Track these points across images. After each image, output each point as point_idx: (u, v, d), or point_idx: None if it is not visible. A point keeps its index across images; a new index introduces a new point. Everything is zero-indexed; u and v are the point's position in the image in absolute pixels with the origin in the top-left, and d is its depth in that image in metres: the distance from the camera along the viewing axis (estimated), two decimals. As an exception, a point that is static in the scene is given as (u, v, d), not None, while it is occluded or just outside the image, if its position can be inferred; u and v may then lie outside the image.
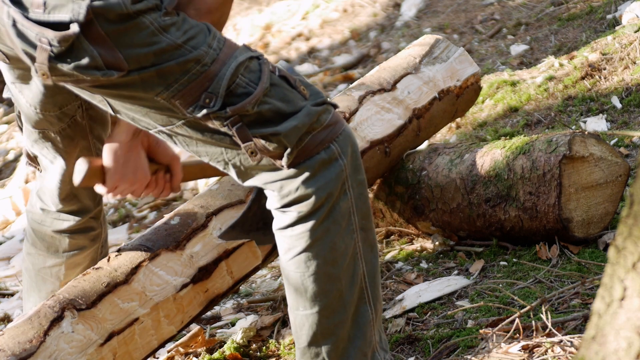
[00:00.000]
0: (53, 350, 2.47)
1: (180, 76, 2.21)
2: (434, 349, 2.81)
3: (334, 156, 2.30)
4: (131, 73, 2.19)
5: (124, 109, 2.29)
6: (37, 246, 2.75)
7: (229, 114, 2.23)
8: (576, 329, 2.68)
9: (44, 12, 2.16)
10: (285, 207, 2.31)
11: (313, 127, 2.28)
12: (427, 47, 3.47)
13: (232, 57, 2.25)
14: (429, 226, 3.44)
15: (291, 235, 2.32)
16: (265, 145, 2.26)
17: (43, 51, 2.17)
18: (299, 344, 2.40)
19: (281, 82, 2.29)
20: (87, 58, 2.17)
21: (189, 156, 2.85)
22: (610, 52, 4.30)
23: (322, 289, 2.33)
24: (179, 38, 2.21)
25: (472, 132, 4.30)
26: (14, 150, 6.68)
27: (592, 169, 3.16)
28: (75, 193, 2.69)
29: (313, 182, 2.29)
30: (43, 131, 2.59)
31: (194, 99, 2.23)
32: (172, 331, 2.72)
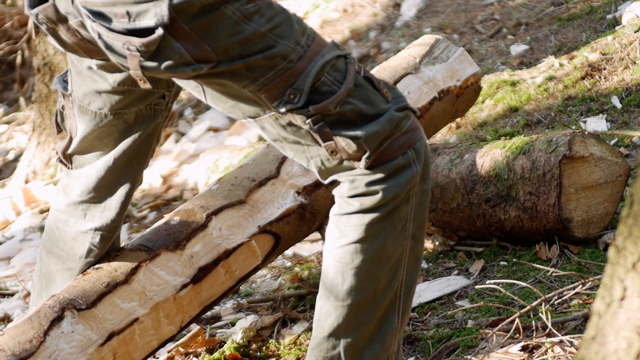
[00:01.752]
0: (53, 350, 2.47)
1: (267, 71, 2.23)
2: (434, 349, 2.81)
3: (409, 162, 2.31)
4: (220, 64, 2.21)
5: (216, 98, 2.32)
6: (59, 245, 2.73)
7: (312, 112, 2.25)
8: (576, 329, 2.68)
9: (129, 22, 2.18)
10: (351, 197, 2.33)
11: (393, 132, 2.29)
12: (427, 47, 3.47)
13: (320, 54, 2.26)
14: (429, 226, 3.45)
15: (347, 224, 2.33)
16: (345, 147, 2.27)
17: (133, 58, 2.20)
18: (318, 333, 2.39)
19: (365, 84, 2.30)
20: (176, 56, 2.19)
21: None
22: (610, 52, 4.30)
23: (359, 285, 2.34)
24: (262, 26, 2.22)
25: (472, 132, 4.30)
26: (14, 150, 6.69)
27: (592, 169, 3.16)
28: (112, 189, 2.66)
29: (385, 182, 2.30)
30: (119, 111, 2.58)
31: (279, 94, 2.25)
32: (172, 331, 2.72)
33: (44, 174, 5.71)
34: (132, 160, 2.64)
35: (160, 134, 2.68)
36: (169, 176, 5.33)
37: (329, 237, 2.37)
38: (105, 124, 2.59)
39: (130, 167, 2.65)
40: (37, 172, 5.76)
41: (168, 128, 5.90)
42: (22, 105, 7.47)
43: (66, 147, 2.66)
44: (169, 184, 5.25)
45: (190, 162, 5.30)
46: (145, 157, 2.67)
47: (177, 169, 5.37)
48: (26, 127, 6.95)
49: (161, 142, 5.74)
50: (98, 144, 2.63)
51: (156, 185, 5.25)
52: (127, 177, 2.67)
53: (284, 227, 2.93)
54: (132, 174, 2.67)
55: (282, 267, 3.73)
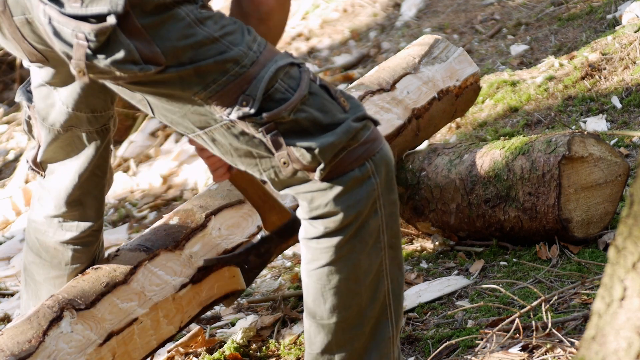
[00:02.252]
0: (52, 350, 2.47)
1: (219, 76, 2.19)
2: (434, 349, 2.80)
3: (367, 174, 2.25)
4: (169, 69, 2.17)
5: (163, 110, 2.26)
6: (42, 256, 2.72)
7: (265, 120, 2.20)
8: (576, 329, 2.67)
9: (81, 6, 2.15)
10: (313, 219, 2.28)
11: (350, 144, 2.23)
12: (426, 47, 3.47)
13: (272, 60, 2.22)
14: (428, 226, 3.44)
15: (316, 247, 2.29)
16: (299, 158, 2.22)
17: (80, 47, 2.16)
18: (311, 349, 2.37)
19: (321, 92, 2.25)
20: (124, 52, 2.15)
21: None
22: (610, 52, 4.30)
23: (341, 303, 2.31)
24: (216, 32, 2.19)
25: (472, 132, 4.30)
26: (14, 150, 6.68)
27: (591, 169, 3.15)
28: (82, 201, 2.67)
29: (344, 199, 2.25)
30: (70, 128, 2.58)
31: (232, 101, 2.20)
32: (171, 331, 2.72)
33: (43, 174, 5.71)
34: (95, 171, 2.65)
35: (111, 140, 2.68)
36: (169, 176, 5.33)
37: (303, 259, 2.34)
38: (63, 137, 2.60)
39: (95, 177, 2.66)
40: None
41: (168, 128, 5.89)
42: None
43: (35, 156, 2.67)
44: (169, 184, 5.25)
45: (190, 162, 5.30)
46: (106, 163, 2.67)
47: (177, 169, 5.37)
48: (26, 127, 6.94)
49: (161, 142, 5.74)
50: (62, 152, 2.64)
51: (156, 185, 5.25)
52: (94, 187, 2.68)
53: (284, 227, 2.93)
54: (98, 182, 2.68)
55: (282, 267, 3.73)
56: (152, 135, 5.85)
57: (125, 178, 5.39)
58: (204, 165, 4.50)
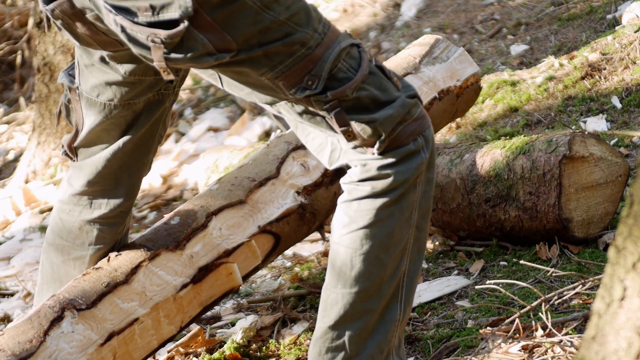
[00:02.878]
0: (53, 350, 2.47)
1: (286, 58, 2.28)
2: (434, 349, 2.81)
3: (419, 148, 2.37)
4: (240, 53, 2.26)
5: (232, 85, 2.37)
6: (63, 237, 2.73)
7: (329, 98, 2.30)
8: (576, 329, 2.68)
9: (153, 15, 2.22)
10: (362, 181, 2.37)
11: (405, 118, 2.35)
12: (427, 47, 3.47)
13: (336, 42, 2.31)
14: (429, 226, 3.44)
15: (357, 209, 2.37)
16: (360, 132, 2.33)
17: (157, 50, 2.23)
18: (323, 322, 2.42)
19: (378, 72, 2.36)
20: (199, 47, 2.23)
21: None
22: (610, 52, 4.30)
23: (367, 271, 2.37)
24: (281, 14, 2.26)
25: (472, 132, 4.30)
26: (14, 150, 6.69)
27: (592, 169, 3.16)
28: (118, 176, 2.67)
29: (396, 167, 2.35)
30: (129, 102, 2.58)
31: (297, 80, 2.29)
32: (172, 331, 2.72)
33: (44, 174, 5.71)
34: (139, 146, 2.65)
35: (167, 118, 2.70)
36: (169, 176, 5.33)
37: (336, 225, 2.40)
38: (114, 115, 2.60)
39: (137, 153, 2.66)
40: (37, 172, 5.76)
41: (168, 128, 5.90)
42: (22, 105, 7.47)
43: (72, 140, 2.67)
44: (169, 184, 5.25)
45: (190, 162, 5.30)
46: (152, 142, 2.68)
47: (177, 169, 5.37)
48: (26, 127, 6.95)
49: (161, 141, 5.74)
50: (105, 135, 2.63)
51: (156, 185, 5.25)
52: (134, 164, 2.67)
53: (284, 227, 2.93)
54: (139, 160, 2.67)
55: (282, 267, 3.73)
56: (152, 135, 5.85)
57: (126, 178, 5.38)
58: (204, 165, 4.51)
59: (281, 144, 3.06)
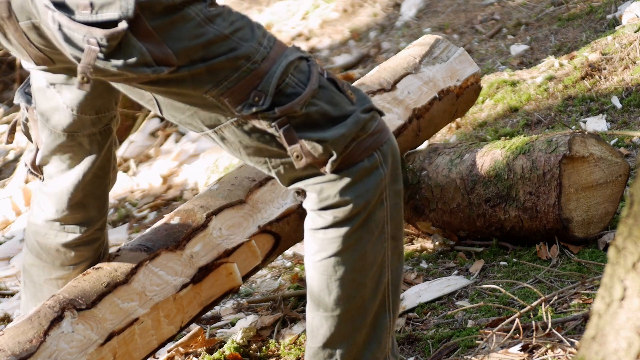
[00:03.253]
0: (53, 350, 2.47)
1: (230, 73, 2.20)
2: (434, 349, 2.81)
3: (376, 164, 2.29)
4: (181, 69, 2.18)
5: (172, 109, 2.27)
6: (42, 258, 2.71)
7: (277, 115, 2.22)
8: (576, 329, 2.68)
9: (91, 13, 2.15)
10: (322, 210, 2.30)
11: (359, 135, 2.27)
12: (427, 47, 3.47)
13: (283, 55, 2.24)
14: (429, 226, 3.45)
15: (323, 238, 2.31)
16: (311, 151, 2.24)
17: (91, 52, 2.15)
18: (312, 343, 2.39)
19: (329, 85, 2.28)
20: (136, 55, 2.15)
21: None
22: (610, 52, 4.30)
23: (346, 294, 2.32)
24: (225, 29, 2.20)
25: (472, 132, 4.30)
26: (14, 150, 6.68)
27: (592, 169, 3.16)
28: (85, 202, 2.66)
29: (353, 189, 2.27)
30: (72, 134, 2.57)
31: (243, 97, 2.22)
32: (172, 331, 2.72)
33: (44, 174, 5.71)
34: (97, 173, 2.64)
35: (116, 139, 2.66)
36: (169, 176, 5.33)
37: (308, 251, 2.35)
38: (63, 141, 2.59)
39: (98, 178, 2.65)
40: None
41: (168, 128, 5.90)
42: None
43: (33, 159, 2.66)
44: (169, 184, 5.25)
45: (190, 162, 5.30)
46: (109, 164, 2.66)
47: (177, 169, 5.37)
48: (26, 127, 6.94)
49: (161, 142, 5.74)
50: (61, 156, 2.63)
51: (156, 185, 5.25)
52: (97, 188, 2.67)
53: (284, 227, 2.93)
54: (101, 183, 2.67)
55: (282, 267, 3.73)
56: (152, 135, 5.86)
57: (125, 178, 5.39)
58: (204, 165, 4.50)
59: (281, 144, 3.06)
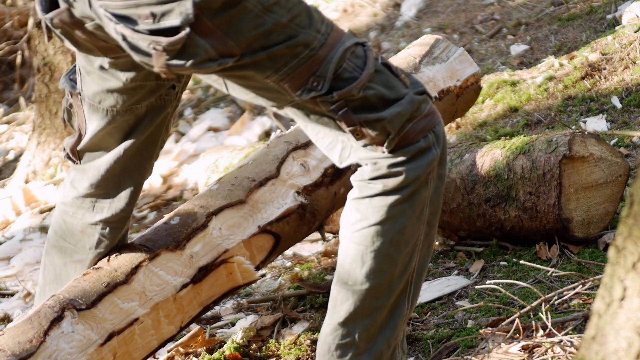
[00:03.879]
0: (53, 350, 2.47)
1: (290, 60, 2.26)
2: (434, 349, 2.81)
3: (430, 145, 2.35)
4: (243, 57, 2.24)
5: (238, 89, 2.35)
6: (67, 239, 2.73)
7: (336, 99, 2.29)
8: (576, 329, 2.68)
9: (153, 22, 2.20)
10: (373, 179, 2.35)
11: (414, 115, 2.33)
12: (427, 47, 3.46)
13: (340, 41, 2.30)
14: (429, 226, 3.44)
15: (368, 206, 2.35)
16: (369, 131, 2.31)
17: (159, 57, 2.22)
18: (332, 319, 2.41)
19: (384, 69, 2.34)
20: (201, 53, 2.22)
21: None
22: (610, 52, 4.30)
23: (378, 268, 2.36)
24: (283, 17, 2.24)
25: (472, 132, 4.30)
26: (13, 150, 6.69)
27: (592, 169, 3.16)
28: (120, 180, 2.67)
29: (407, 164, 2.34)
30: (131, 107, 2.59)
31: (302, 82, 2.28)
32: (172, 331, 2.72)
33: (44, 174, 5.71)
34: (141, 150, 2.65)
35: (169, 123, 2.69)
36: (169, 176, 5.33)
37: (346, 222, 2.39)
38: (117, 121, 2.60)
39: (139, 157, 2.66)
40: (37, 172, 5.76)
41: (169, 131, 5.90)
42: (22, 105, 7.47)
43: (75, 144, 2.67)
44: (169, 184, 5.25)
45: (190, 162, 5.30)
46: (154, 146, 2.68)
47: (177, 169, 5.37)
48: (26, 127, 6.95)
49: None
50: (108, 139, 2.63)
51: (156, 185, 5.25)
52: (136, 168, 2.68)
53: (284, 227, 2.93)
54: (141, 164, 2.68)
55: (282, 267, 3.73)
56: (152, 135, 5.85)
57: (126, 178, 5.38)
58: (204, 165, 4.51)
59: (281, 144, 3.06)
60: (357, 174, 2.39)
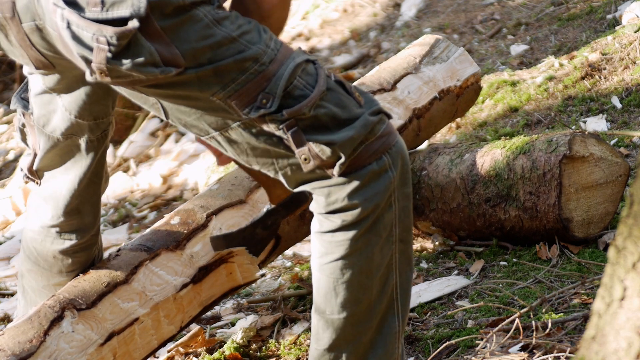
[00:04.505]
0: (53, 350, 2.47)
1: (238, 75, 2.19)
2: (434, 349, 2.81)
3: (385, 168, 2.27)
4: (188, 70, 2.17)
5: (178, 113, 2.26)
6: (40, 264, 2.71)
7: (285, 117, 2.20)
8: (576, 329, 2.68)
9: (101, 10, 2.14)
10: (329, 213, 2.28)
11: (367, 137, 2.25)
12: (427, 47, 3.47)
13: (290, 58, 2.23)
14: (429, 226, 3.45)
15: (331, 240, 2.29)
16: (319, 154, 2.22)
17: (100, 51, 2.15)
18: (318, 345, 2.37)
19: (337, 87, 2.27)
20: (145, 55, 2.15)
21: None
22: (610, 52, 4.30)
23: (353, 297, 2.31)
24: (233, 31, 2.19)
25: (472, 132, 4.30)
26: (13, 150, 6.69)
27: (592, 168, 3.16)
28: (80, 208, 2.66)
29: (362, 192, 2.26)
30: (70, 136, 2.57)
31: (251, 99, 2.20)
32: (172, 331, 2.72)
33: (44, 174, 5.71)
34: (92, 178, 2.64)
35: (108, 143, 2.67)
36: (169, 176, 5.33)
37: (314, 253, 2.33)
38: (60, 146, 2.59)
39: (93, 184, 2.66)
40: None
41: (168, 128, 5.90)
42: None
43: (31, 164, 2.66)
44: (169, 184, 5.25)
45: (190, 162, 5.30)
46: (102, 168, 2.67)
47: (177, 169, 5.37)
48: (26, 127, 6.94)
49: (161, 142, 5.74)
50: (59, 160, 2.63)
51: (156, 185, 5.25)
52: (92, 194, 2.67)
53: (284, 227, 2.93)
54: (95, 189, 2.68)
55: (282, 267, 3.73)
56: (152, 135, 5.86)
57: (125, 178, 5.39)
58: (204, 165, 4.51)
59: (281, 144, 3.06)
60: (314, 204, 2.31)
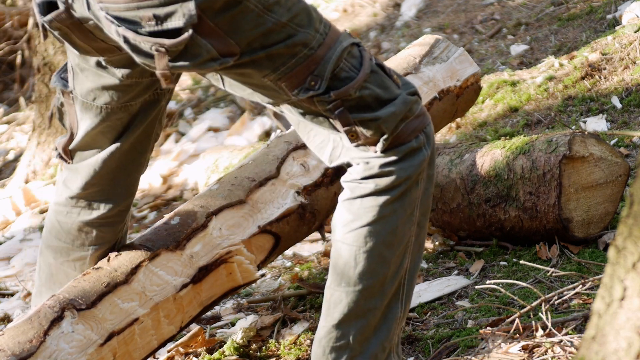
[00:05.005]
0: (53, 350, 2.47)
1: (288, 59, 2.29)
2: (434, 349, 2.81)
3: (421, 145, 2.39)
4: (243, 56, 2.27)
5: (235, 86, 2.38)
6: (61, 238, 2.72)
7: (332, 98, 2.32)
8: (576, 329, 2.68)
9: (156, 24, 2.22)
10: (365, 179, 2.38)
11: (407, 115, 2.37)
12: (427, 47, 3.47)
13: (337, 41, 2.33)
14: (429, 226, 3.45)
15: (360, 206, 2.38)
16: (363, 131, 2.34)
17: (162, 58, 2.24)
18: (327, 321, 2.43)
19: (378, 70, 2.38)
20: (203, 53, 2.24)
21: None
22: (610, 52, 4.30)
23: (371, 269, 2.38)
24: (283, 16, 2.27)
25: (472, 132, 4.30)
26: (13, 150, 6.69)
27: (592, 169, 3.16)
28: (115, 176, 2.67)
29: (398, 164, 2.36)
30: (126, 104, 2.59)
31: (300, 81, 2.31)
32: (172, 331, 2.72)
33: (44, 174, 5.72)
34: (135, 146, 2.65)
35: (163, 117, 2.70)
36: (169, 176, 5.33)
37: (339, 223, 2.41)
38: (111, 118, 2.60)
39: (134, 152, 2.66)
40: (37, 172, 5.76)
41: (168, 128, 5.90)
42: (22, 105, 7.47)
43: (67, 143, 2.66)
44: (169, 184, 5.25)
45: (190, 162, 5.30)
46: (148, 141, 2.68)
47: (177, 169, 5.37)
48: (26, 127, 6.95)
49: (161, 142, 5.75)
50: (101, 138, 2.63)
51: (156, 185, 5.25)
52: (131, 163, 2.68)
53: (284, 227, 2.93)
54: (136, 158, 2.68)
55: (282, 267, 3.73)
56: (152, 135, 5.85)
57: (126, 178, 5.38)
58: (204, 165, 4.51)
59: (281, 144, 3.06)
60: (348, 174, 2.41)
